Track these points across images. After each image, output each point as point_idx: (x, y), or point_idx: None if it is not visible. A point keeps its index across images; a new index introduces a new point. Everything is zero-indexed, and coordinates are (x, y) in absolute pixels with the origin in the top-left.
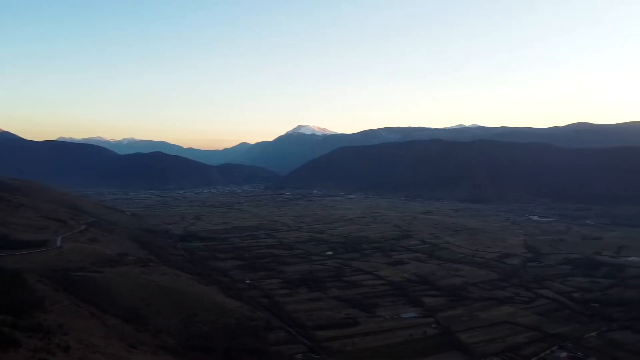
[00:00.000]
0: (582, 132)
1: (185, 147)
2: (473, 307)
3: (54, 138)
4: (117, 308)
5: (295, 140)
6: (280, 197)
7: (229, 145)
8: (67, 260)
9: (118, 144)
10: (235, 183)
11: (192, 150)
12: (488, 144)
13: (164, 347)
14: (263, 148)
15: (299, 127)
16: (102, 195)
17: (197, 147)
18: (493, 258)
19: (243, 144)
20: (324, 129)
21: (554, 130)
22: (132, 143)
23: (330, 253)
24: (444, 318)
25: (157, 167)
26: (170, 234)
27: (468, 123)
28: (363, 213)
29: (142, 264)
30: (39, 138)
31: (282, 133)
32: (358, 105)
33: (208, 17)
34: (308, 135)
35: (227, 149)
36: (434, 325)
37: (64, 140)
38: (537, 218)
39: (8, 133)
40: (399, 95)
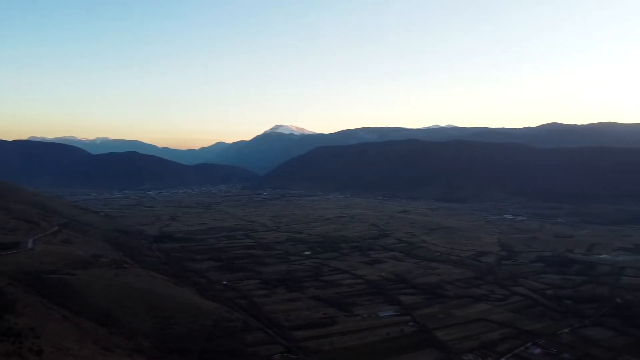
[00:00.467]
0: (554, 132)
1: (161, 146)
2: (449, 304)
3: (25, 137)
4: (90, 311)
5: (273, 140)
6: (258, 197)
7: (205, 145)
8: (39, 263)
9: (91, 144)
10: (212, 183)
11: (167, 150)
12: (463, 144)
13: (139, 349)
14: (240, 148)
15: (277, 126)
16: (75, 196)
17: (172, 146)
18: (468, 256)
19: (220, 144)
20: (302, 129)
21: (527, 131)
22: (105, 142)
23: (309, 253)
24: (421, 316)
25: (131, 167)
26: (145, 235)
27: (444, 123)
28: (341, 213)
29: (116, 266)
30: (9, 137)
31: (259, 132)
32: (336, 106)
33: (183, 14)
34: (286, 135)
35: (203, 149)
36: (411, 324)
37: (36, 140)
38: (511, 217)
39: None
40: (377, 96)
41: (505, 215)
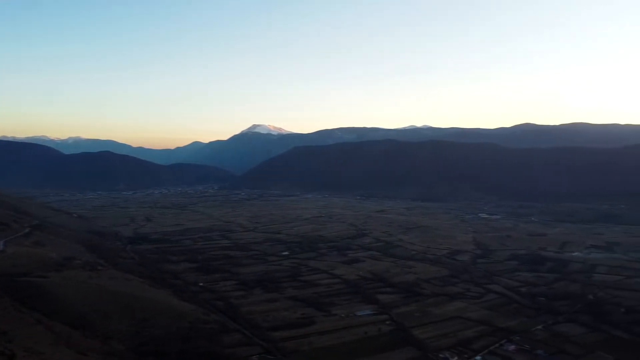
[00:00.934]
0: (527, 132)
1: (135, 146)
2: (426, 303)
3: None
4: (64, 314)
5: (251, 140)
6: (235, 197)
7: (181, 144)
8: (10, 265)
9: (63, 143)
10: (188, 183)
11: (141, 150)
12: (438, 144)
13: (114, 352)
14: (217, 147)
15: (255, 126)
16: (47, 197)
17: (147, 146)
18: (444, 255)
19: (196, 143)
20: (280, 129)
21: (501, 131)
22: (78, 142)
23: (287, 253)
24: (398, 314)
25: (105, 167)
26: (120, 237)
27: (420, 124)
28: (319, 212)
29: (89, 268)
30: None
31: (237, 132)
32: (314, 105)
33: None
34: (264, 135)
35: (178, 148)
36: (389, 322)
37: (6, 139)
38: (485, 215)
39: None
40: (355, 96)
41: (480, 214)
